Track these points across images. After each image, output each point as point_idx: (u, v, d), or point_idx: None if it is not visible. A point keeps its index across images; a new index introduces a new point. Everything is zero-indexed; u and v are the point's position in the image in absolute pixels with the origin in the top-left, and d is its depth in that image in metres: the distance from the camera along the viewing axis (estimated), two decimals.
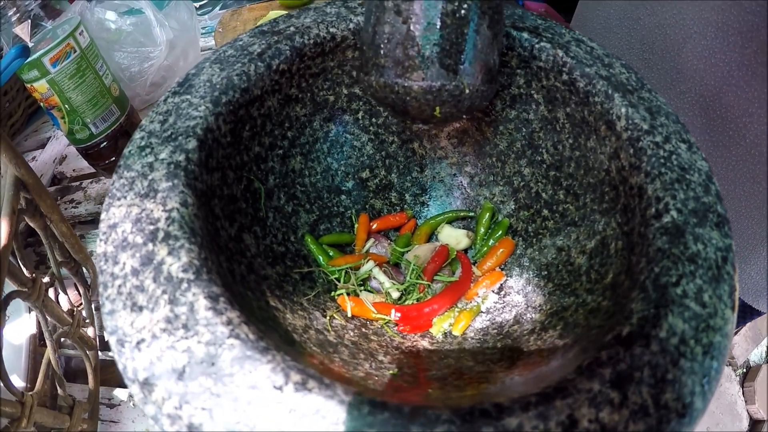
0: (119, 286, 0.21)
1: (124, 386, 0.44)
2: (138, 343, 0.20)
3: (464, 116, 0.29)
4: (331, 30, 0.31)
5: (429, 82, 0.26)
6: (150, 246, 0.22)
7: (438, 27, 0.25)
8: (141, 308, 0.21)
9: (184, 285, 0.21)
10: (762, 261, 0.38)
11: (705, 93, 0.35)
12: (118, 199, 0.25)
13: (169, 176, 0.24)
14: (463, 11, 0.25)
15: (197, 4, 0.65)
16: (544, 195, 0.33)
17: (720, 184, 0.36)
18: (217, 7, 0.64)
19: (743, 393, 0.73)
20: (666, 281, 0.21)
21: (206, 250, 0.23)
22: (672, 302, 0.20)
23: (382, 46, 0.26)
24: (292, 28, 0.31)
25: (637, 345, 0.19)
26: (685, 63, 0.35)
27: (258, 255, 0.29)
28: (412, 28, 0.25)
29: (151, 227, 0.23)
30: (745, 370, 0.79)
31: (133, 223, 0.23)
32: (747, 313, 0.52)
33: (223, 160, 0.28)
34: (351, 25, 0.32)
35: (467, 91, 0.26)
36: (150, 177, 0.25)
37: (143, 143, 0.26)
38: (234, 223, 0.28)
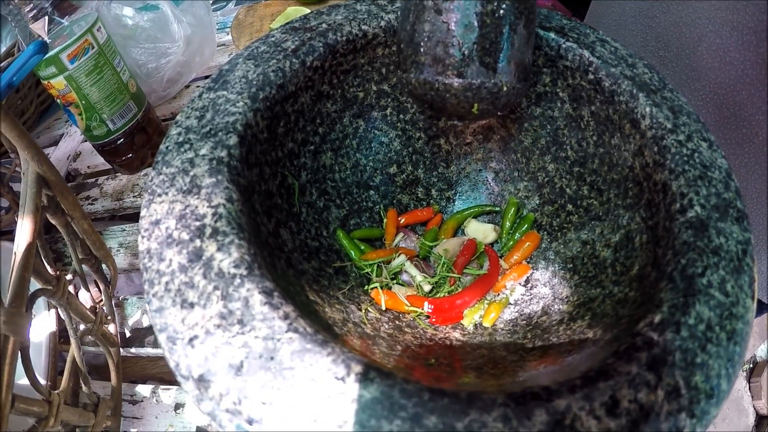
0: (166, 282, 0.22)
1: (145, 382, 0.44)
2: (191, 339, 0.20)
3: (499, 113, 0.30)
4: (363, 27, 0.32)
5: (469, 80, 0.26)
6: (198, 242, 0.22)
7: (477, 26, 0.26)
8: (192, 305, 0.21)
9: (237, 281, 0.21)
10: None
11: (719, 91, 0.36)
12: (159, 195, 0.25)
13: (212, 172, 0.24)
14: (501, 11, 0.25)
15: (211, 0, 0.64)
16: (568, 190, 0.34)
17: (737, 173, 0.38)
18: (232, 3, 0.63)
19: (749, 388, 0.75)
20: (692, 272, 0.22)
21: (254, 245, 0.23)
22: (699, 292, 0.22)
23: (421, 43, 0.27)
24: (324, 25, 0.31)
25: (668, 331, 0.20)
26: (700, 61, 0.36)
27: (294, 250, 0.29)
28: (452, 26, 0.26)
29: (197, 223, 0.23)
30: (751, 365, 0.81)
31: (177, 219, 0.23)
32: (757, 309, 0.54)
33: (260, 155, 0.28)
34: (382, 23, 0.32)
35: (505, 88, 0.27)
36: (192, 173, 0.25)
37: (181, 139, 0.26)
38: (272, 219, 0.29)
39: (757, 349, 0.90)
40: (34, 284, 0.32)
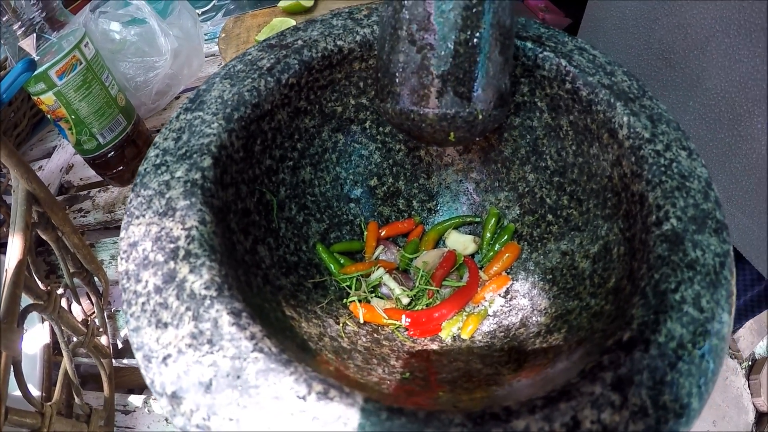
0: (143, 303, 0.22)
1: (138, 392, 0.45)
2: (165, 358, 0.21)
3: (477, 138, 0.30)
4: (338, 43, 0.32)
5: (444, 110, 0.26)
6: (171, 264, 0.23)
7: (451, 56, 0.26)
8: (166, 325, 0.22)
9: (207, 302, 0.22)
10: None
11: (730, 89, 0.36)
12: (137, 217, 0.25)
13: (187, 194, 0.25)
14: (475, 40, 0.25)
15: (200, 11, 0.65)
16: (548, 200, 0.34)
17: (748, 174, 0.37)
18: (220, 14, 0.64)
19: (749, 386, 0.75)
20: (665, 288, 0.22)
21: (226, 266, 0.24)
22: (671, 308, 0.21)
23: (397, 74, 0.27)
24: (300, 42, 0.32)
25: (636, 350, 0.20)
26: (710, 61, 0.36)
27: (272, 266, 0.30)
28: (426, 57, 0.26)
29: (172, 245, 0.23)
30: (750, 363, 0.81)
31: (153, 241, 0.24)
32: (750, 311, 0.53)
33: (236, 175, 0.29)
34: (357, 38, 0.32)
35: (480, 117, 0.27)
36: (167, 195, 0.25)
37: (158, 161, 0.27)
38: (249, 236, 0.29)
39: (756, 346, 0.90)
40: (27, 300, 0.33)
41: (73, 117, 0.45)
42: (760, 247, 0.40)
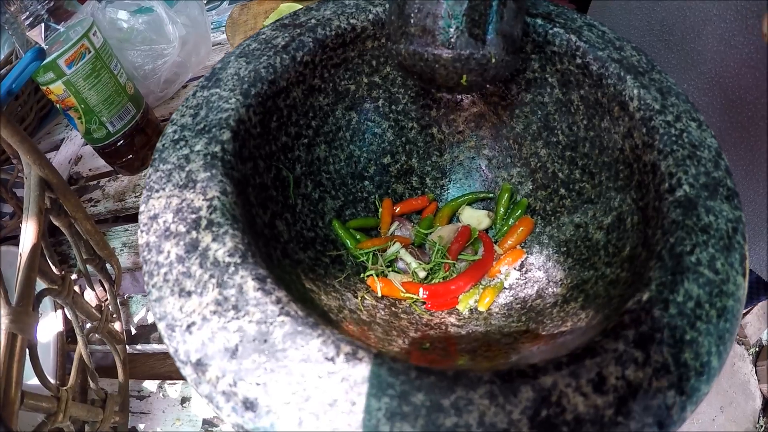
0: (165, 273, 0.22)
1: (152, 378, 0.45)
2: (189, 326, 0.21)
3: (488, 85, 0.30)
4: (351, 21, 0.32)
5: (458, 51, 0.27)
6: (194, 234, 0.23)
7: None
8: (189, 293, 0.22)
9: (232, 269, 0.22)
10: None
11: (725, 74, 0.36)
12: (157, 191, 0.25)
13: (207, 167, 0.25)
14: None
15: (205, 0, 0.65)
16: (560, 174, 0.34)
17: (739, 162, 0.37)
18: (225, 3, 0.64)
19: (756, 372, 0.75)
20: (681, 250, 0.22)
21: (248, 235, 0.24)
22: (687, 269, 0.22)
23: (411, 15, 0.27)
24: (313, 21, 0.32)
25: (656, 308, 0.21)
26: (705, 44, 0.36)
27: (290, 240, 0.30)
28: None
29: (193, 216, 0.24)
30: (757, 349, 0.81)
31: (174, 213, 0.24)
32: (756, 294, 0.53)
33: (254, 150, 0.29)
34: (370, 16, 0.33)
35: (494, 60, 0.27)
36: (187, 168, 0.25)
37: (176, 136, 0.27)
38: (267, 210, 0.29)
39: (763, 332, 0.90)
40: (41, 285, 0.33)
41: (82, 106, 0.45)
42: (754, 244, 0.41)
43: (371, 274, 0.32)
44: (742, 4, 0.33)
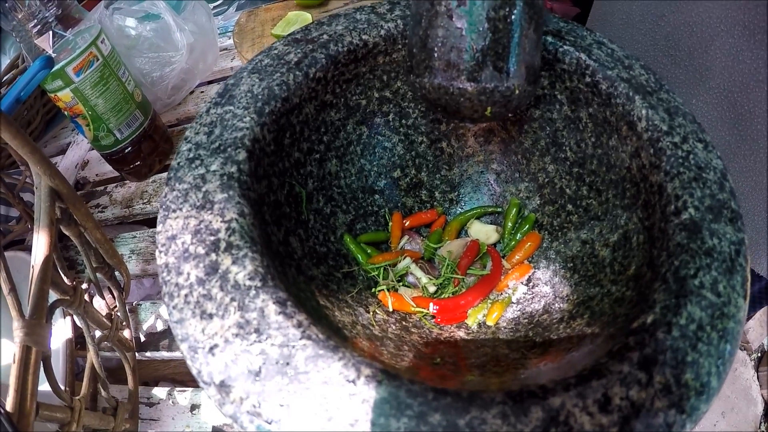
0: (185, 295, 0.23)
1: (157, 384, 0.45)
2: (211, 348, 0.21)
3: (510, 114, 0.30)
4: (363, 37, 0.32)
5: (483, 84, 0.27)
6: (213, 256, 0.23)
7: (490, 31, 0.26)
8: (211, 315, 0.22)
9: (252, 292, 0.22)
10: None
11: (733, 89, 0.36)
12: (174, 211, 0.26)
13: (224, 188, 0.25)
14: (513, 16, 0.26)
15: (212, 5, 0.65)
16: (568, 191, 0.35)
17: (747, 176, 0.38)
18: (232, 8, 0.64)
19: (758, 377, 0.76)
20: (685, 274, 0.23)
21: (267, 257, 0.24)
22: (691, 293, 0.22)
23: (435, 49, 0.27)
24: (325, 36, 0.32)
25: (660, 331, 0.21)
26: (713, 60, 0.37)
27: (304, 257, 0.30)
28: (465, 32, 0.26)
29: (212, 238, 0.24)
30: (759, 354, 0.82)
31: (193, 234, 0.24)
32: (759, 302, 0.54)
33: (268, 168, 0.29)
34: (382, 32, 0.33)
35: (517, 92, 0.28)
36: (204, 189, 0.26)
37: (192, 155, 0.27)
38: (281, 228, 0.30)
39: (765, 338, 0.91)
40: (52, 296, 0.34)
41: (90, 113, 0.45)
42: (756, 249, 0.42)
43: (382, 289, 0.32)
44: (749, 19, 0.34)
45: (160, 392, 0.44)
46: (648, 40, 0.42)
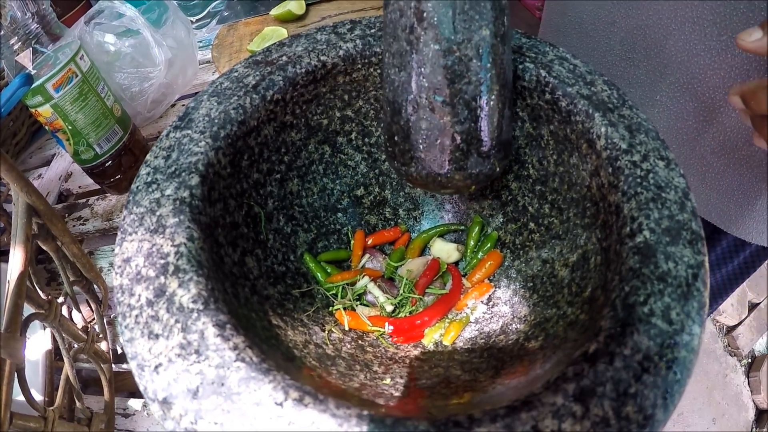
0: (136, 316, 0.24)
1: (137, 396, 0.46)
2: (156, 367, 0.22)
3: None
4: (322, 58, 0.33)
5: (469, 171, 0.28)
6: (162, 279, 0.24)
7: (471, 120, 0.27)
8: (157, 336, 0.23)
9: (195, 315, 0.23)
10: (762, 208, 0.42)
11: (692, 80, 0.38)
12: (130, 234, 0.26)
13: (176, 212, 0.26)
14: (492, 101, 0.27)
15: (194, 19, 0.66)
16: (530, 208, 0.35)
17: (719, 156, 0.40)
18: (214, 21, 0.65)
19: (749, 383, 0.75)
20: (634, 300, 0.23)
21: (212, 280, 0.25)
22: (638, 321, 0.22)
23: (420, 141, 0.28)
24: (284, 58, 0.33)
25: (601, 362, 0.21)
26: (670, 57, 0.38)
27: (260, 276, 0.31)
28: (449, 124, 0.27)
29: (162, 261, 0.25)
30: (750, 360, 0.81)
31: (145, 257, 0.25)
32: (729, 285, 0.54)
33: (224, 190, 0.30)
34: (341, 52, 0.33)
35: (498, 169, 0.29)
36: (158, 213, 0.26)
37: (149, 179, 0.28)
38: (237, 249, 0.30)
39: (755, 343, 0.89)
40: (28, 309, 0.35)
41: (70, 128, 0.46)
42: (740, 219, 0.43)
43: (339, 308, 0.33)
44: (698, 15, 0.35)
45: (135, 403, 0.45)
46: (603, 46, 0.42)
